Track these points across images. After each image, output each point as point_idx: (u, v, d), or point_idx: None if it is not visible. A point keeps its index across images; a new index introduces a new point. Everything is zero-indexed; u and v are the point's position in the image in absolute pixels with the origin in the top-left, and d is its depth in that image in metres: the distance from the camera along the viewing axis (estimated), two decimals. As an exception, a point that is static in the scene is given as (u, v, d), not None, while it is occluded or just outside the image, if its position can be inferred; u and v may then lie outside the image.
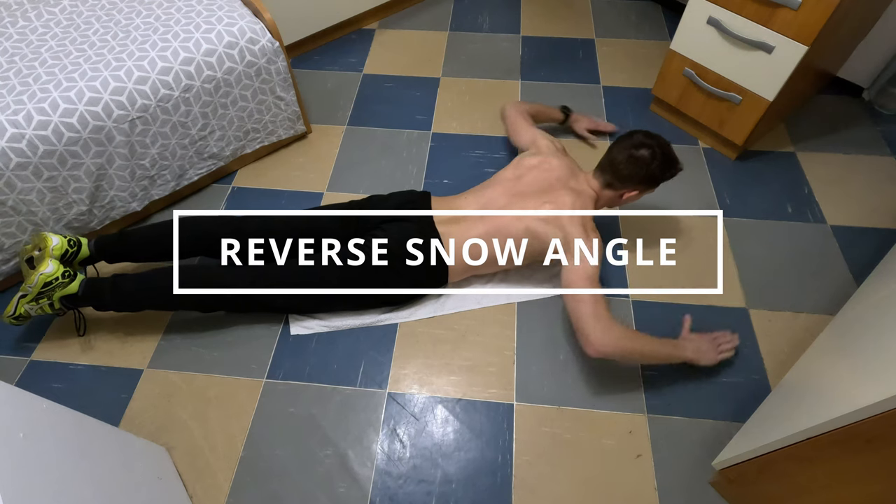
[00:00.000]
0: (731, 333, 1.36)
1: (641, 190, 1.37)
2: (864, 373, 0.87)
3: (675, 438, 1.27)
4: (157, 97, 1.44)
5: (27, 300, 1.28)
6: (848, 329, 1.15)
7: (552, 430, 1.29)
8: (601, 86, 2.07)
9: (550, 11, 2.40)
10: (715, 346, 1.32)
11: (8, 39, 1.48)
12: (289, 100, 1.74)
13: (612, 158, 1.35)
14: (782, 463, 0.96)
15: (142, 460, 1.09)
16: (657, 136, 1.34)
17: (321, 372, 1.38)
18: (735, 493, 1.17)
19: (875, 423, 0.76)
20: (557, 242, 1.30)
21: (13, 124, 1.28)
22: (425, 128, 1.95)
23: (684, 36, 1.70)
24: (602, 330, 1.19)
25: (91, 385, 1.37)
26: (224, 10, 1.55)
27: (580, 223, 1.30)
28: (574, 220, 1.30)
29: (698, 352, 1.29)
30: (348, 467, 1.24)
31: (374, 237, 1.36)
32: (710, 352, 1.31)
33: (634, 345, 1.22)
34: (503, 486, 1.22)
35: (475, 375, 1.38)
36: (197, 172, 1.69)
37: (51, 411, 0.86)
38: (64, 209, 1.46)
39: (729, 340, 1.34)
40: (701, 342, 1.32)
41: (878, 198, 1.70)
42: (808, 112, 1.94)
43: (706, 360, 1.30)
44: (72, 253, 1.36)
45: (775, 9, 1.44)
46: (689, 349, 1.29)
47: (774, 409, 1.10)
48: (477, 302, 1.49)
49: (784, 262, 1.56)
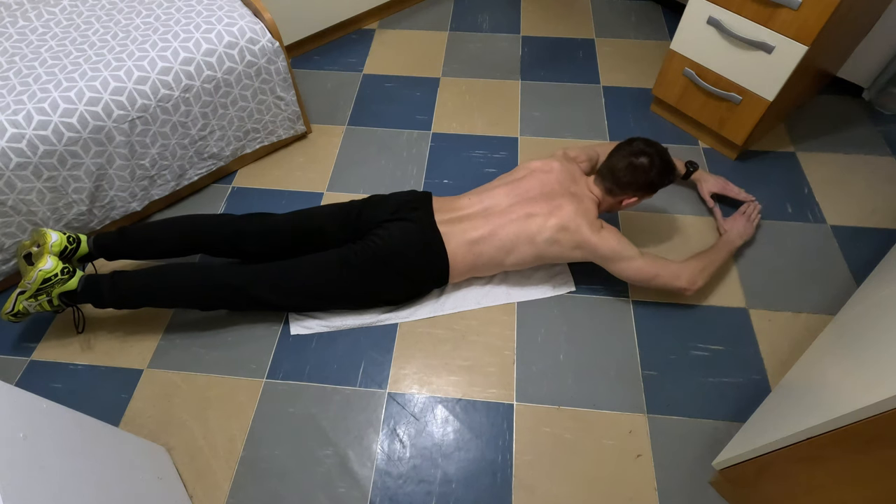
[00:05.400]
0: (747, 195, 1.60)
1: (640, 196, 1.39)
2: (864, 373, 0.87)
3: (675, 438, 1.27)
4: (157, 97, 1.44)
5: (26, 296, 1.28)
6: (848, 329, 1.15)
7: (552, 430, 1.29)
8: (601, 86, 2.07)
9: (550, 11, 2.40)
10: (748, 220, 1.54)
11: (8, 39, 1.48)
12: (289, 100, 1.74)
13: (612, 166, 1.37)
14: (782, 463, 0.96)
15: (142, 460, 1.09)
16: (655, 144, 1.36)
17: (321, 372, 1.38)
18: (735, 494, 1.17)
19: (875, 423, 0.75)
20: (576, 256, 1.38)
21: (13, 124, 1.28)
22: (425, 128, 1.95)
23: (684, 36, 1.70)
24: (687, 279, 1.37)
25: (91, 385, 1.37)
26: (224, 10, 1.55)
27: (588, 227, 1.33)
28: (581, 227, 1.32)
29: (743, 235, 1.52)
30: (348, 467, 1.24)
31: (374, 236, 1.36)
32: (749, 228, 1.53)
33: (709, 267, 1.41)
34: (503, 486, 1.22)
35: (475, 375, 1.38)
36: (197, 172, 1.69)
37: (51, 411, 0.86)
38: (64, 209, 1.46)
39: (753, 208, 1.58)
40: (738, 225, 1.53)
41: (878, 198, 1.70)
42: (808, 112, 1.94)
43: (749, 236, 1.53)
44: (71, 250, 1.36)
45: (775, 9, 1.44)
46: (736, 238, 1.50)
47: (774, 409, 1.10)
48: (477, 302, 1.49)
49: (784, 262, 1.56)
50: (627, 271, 1.36)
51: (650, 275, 1.36)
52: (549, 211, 1.34)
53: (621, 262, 1.35)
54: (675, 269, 1.37)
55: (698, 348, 1.41)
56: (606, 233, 1.34)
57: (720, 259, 1.45)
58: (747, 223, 1.53)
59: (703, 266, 1.40)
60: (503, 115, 1.97)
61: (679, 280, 1.37)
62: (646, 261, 1.36)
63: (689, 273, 1.38)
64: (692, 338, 1.42)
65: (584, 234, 1.32)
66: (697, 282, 1.38)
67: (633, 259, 1.35)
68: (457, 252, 1.37)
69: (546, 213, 1.34)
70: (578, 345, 1.42)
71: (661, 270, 1.36)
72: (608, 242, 1.33)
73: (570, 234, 1.33)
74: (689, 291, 1.38)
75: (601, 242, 1.33)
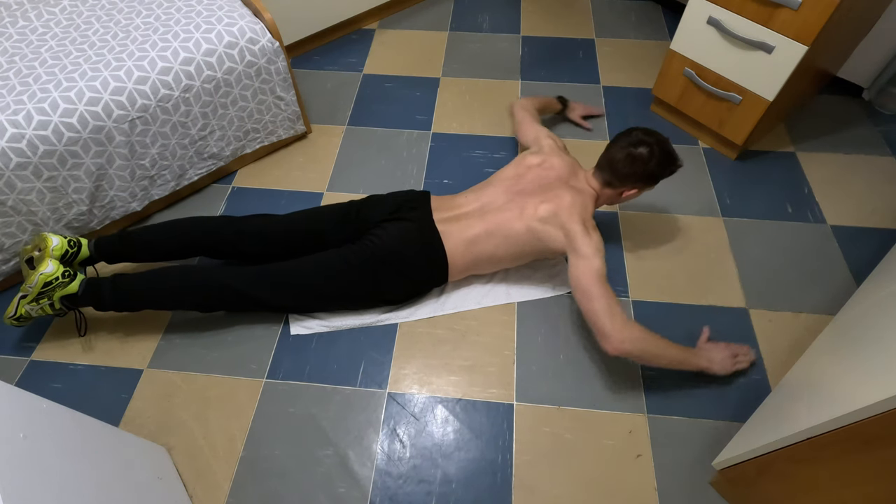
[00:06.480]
0: (748, 347, 1.35)
1: (641, 188, 1.35)
2: (864, 373, 0.87)
3: (675, 438, 1.27)
4: (157, 97, 1.44)
5: (28, 300, 1.29)
6: (848, 329, 1.15)
7: (552, 430, 1.29)
8: (601, 86, 2.07)
9: (550, 11, 2.40)
10: (730, 356, 1.31)
11: (8, 39, 1.48)
12: (289, 100, 1.74)
13: (611, 157, 1.33)
14: (782, 463, 0.96)
15: (142, 460, 1.09)
16: (656, 133, 1.32)
17: (321, 372, 1.38)
18: (735, 494, 1.17)
19: (875, 424, 0.76)
20: (559, 240, 1.30)
21: (13, 124, 1.28)
22: (425, 128, 1.95)
23: (684, 36, 1.70)
24: (620, 327, 1.18)
25: (91, 385, 1.37)
26: (224, 10, 1.55)
27: (580, 220, 1.29)
28: (573, 217, 1.29)
29: (712, 361, 1.28)
30: (348, 467, 1.24)
31: (373, 236, 1.36)
32: (725, 361, 1.29)
33: (653, 345, 1.20)
34: (503, 486, 1.22)
35: (475, 375, 1.38)
36: (197, 172, 1.69)
37: (51, 411, 0.86)
38: (64, 209, 1.46)
39: (746, 354, 1.33)
40: (716, 352, 1.30)
41: (878, 198, 1.70)
42: (808, 112, 1.94)
43: (719, 369, 1.28)
44: (72, 253, 1.36)
45: (775, 9, 1.44)
46: (703, 357, 1.28)
47: (774, 409, 1.10)
48: (477, 302, 1.49)
49: (784, 262, 1.56)
50: (582, 274, 1.23)
51: (596, 293, 1.20)
52: (544, 200, 1.33)
53: (584, 261, 1.24)
54: (619, 314, 1.19)
55: (698, 348, 1.41)
56: (594, 233, 1.29)
57: (673, 357, 1.23)
58: (728, 359, 1.30)
59: (648, 339, 1.19)
60: (503, 115, 1.97)
61: (612, 322, 1.17)
62: (603, 284, 1.21)
63: (628, 330, 1.18)
64: (692, 338, 1.42)
65: (576, 225, 1.27)
66: (625, 343, 1.17)
67: (595, 269, 1.22)
68: (455, 250, 1.37)
69: (540, 203, 1.32)
70: (578, 345, 1.42)
71: (607, 301, 1.19)
72: (591, 240, 1.26)
73: (559, 220, 1.29)
74: (609, 343, 1.18)
75: (583, 234, 1.26)
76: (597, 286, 1.21)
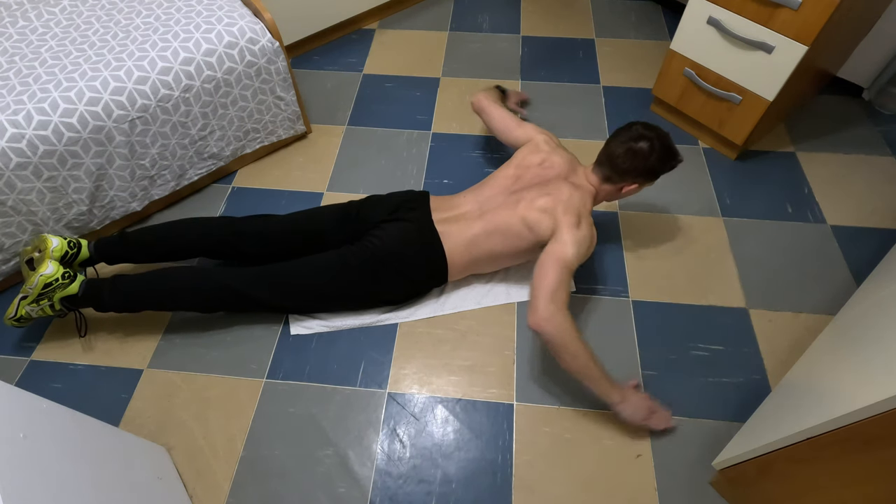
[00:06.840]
0: (669, 413, 1.27)
1: (641, 183, 1.34)
2: (864, 373, 0.87)
3: (675, 438, 1.27)
4: (157, 97, 1.44)
5: (28, 301, 1.29)
6: (848, 329, 1.15)
7: (552, 430, 1.29)
8: (601, 86, 2.07)
9: (550, 11, 2.40)
10: (647, 409, 1.23)
11: (8, 39, 1.48)
12: (289, 100, 1.74)
13: (611, 152, 1.31)
14: (782, 463, 0.96)
15: (142, 460, 1.09)
16: (656, 128, 1.30)
17: (321, 372, 1.38)
18: (735, 494, 1.17)
19: (875, 424, 0.76)
20: (550, 231, 1.27)
21: (13, 124, 1.28)
22: (425, 128, 1.95)
23: (684, 36, 1.70)
24: (553, 309, 1.14)
25: (91, 385, 1.37)
26: (224, 10, 1.55)
27: (575, 214, 1.27)
28: (569, 211, 1.27)
29: (626, 400, 1.20)
30: (348, 467, 1.24)
31: (372, 237, 1.36)
32: (639, 410, 1.22)
33: (573, 344, 1.15)
34: (503, 486, 1.22)
35: (475, 375, 1.38)
36: (197, 172, 1.69)
37: (51, 411, 0.86)
38: (64, 209, 1.46)
39: (663, 416, 1.26)
40: (635, 397, 1.23)
41: (878, 198, 1.70)
42: (808, 112, 1.94)
43: (630, 413, 1.21)
44: (72, 254, 1.36)
45: (775, 9, 1.44)
46: (618, 392, 1.20)
47: (774, 409, 1.10)
48: (477, 302, 1.49)
49: (784, 262, 1.56)
50: (549, 254, 1.21)
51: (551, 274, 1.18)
52: (543, 194, 1.31)
53: (558, 245, 1.22)
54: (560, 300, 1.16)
55: (698, 348, 1.41)
56: (585, 227, 1.27)
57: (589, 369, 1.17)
58: (643, 410, 1.23)
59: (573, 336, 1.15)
60: (503, 115, 1.97)
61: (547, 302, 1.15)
62: (562, 269, 1.19)
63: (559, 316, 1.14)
64: (692, 338, 1.42)
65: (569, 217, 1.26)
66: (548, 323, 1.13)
67: (563, 255, 1.20)
68: (455, 250, 1.37)
69: (538, 197, 1.31)
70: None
71: (557, 285, 1.17)
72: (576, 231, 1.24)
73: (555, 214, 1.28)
74: (533, 316, 1.15)
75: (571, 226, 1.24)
76: (555, 268, 1.19)
